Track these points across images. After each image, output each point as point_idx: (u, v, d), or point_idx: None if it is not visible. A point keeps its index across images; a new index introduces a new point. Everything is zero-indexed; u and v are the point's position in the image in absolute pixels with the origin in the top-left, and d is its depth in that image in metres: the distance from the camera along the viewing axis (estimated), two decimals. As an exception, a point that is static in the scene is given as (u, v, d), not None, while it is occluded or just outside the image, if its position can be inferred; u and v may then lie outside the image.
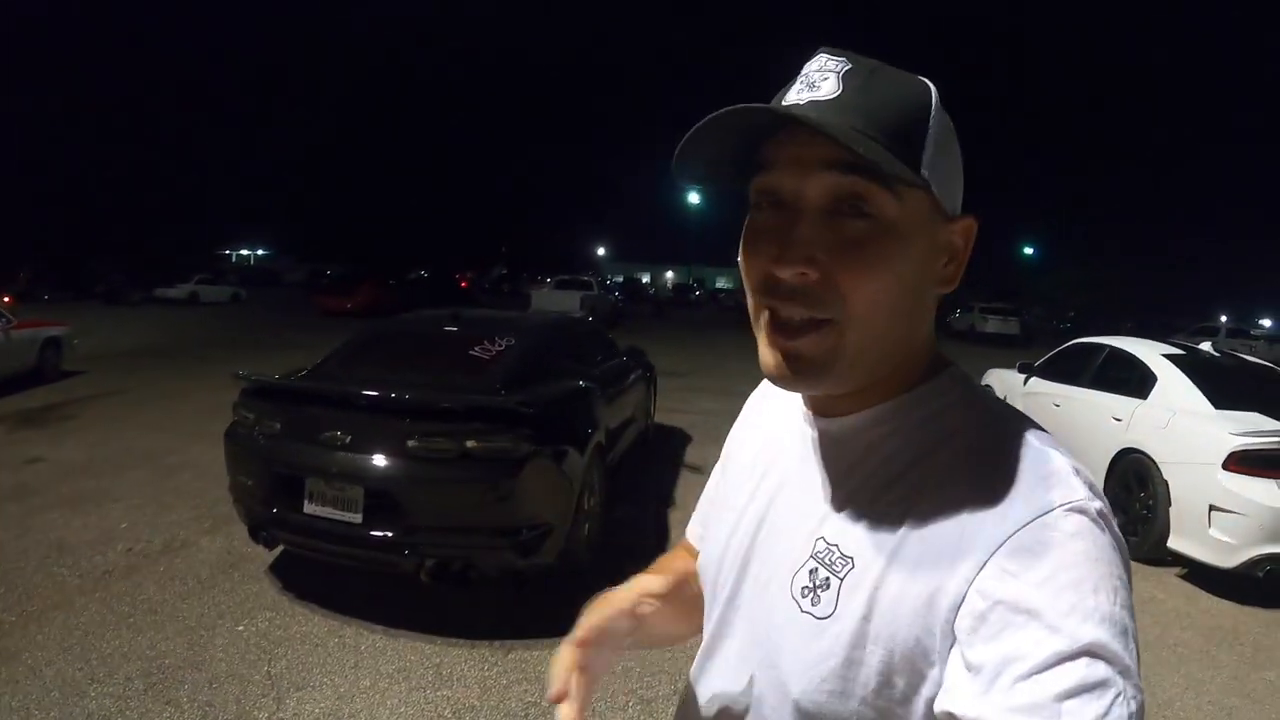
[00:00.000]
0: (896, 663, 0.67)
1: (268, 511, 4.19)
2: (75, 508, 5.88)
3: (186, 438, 8.16)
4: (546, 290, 31.25)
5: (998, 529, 0.64)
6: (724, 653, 0.87)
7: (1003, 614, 0.61)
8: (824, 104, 0.69)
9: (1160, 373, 6.34)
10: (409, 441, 3.98)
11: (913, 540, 0.69)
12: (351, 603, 4.42)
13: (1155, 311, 47.45)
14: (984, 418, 0.76)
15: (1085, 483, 0.67)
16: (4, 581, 4.56)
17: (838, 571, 0.72)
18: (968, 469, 0.70)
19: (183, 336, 18.88)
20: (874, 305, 0.70)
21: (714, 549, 0.93)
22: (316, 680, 3.73)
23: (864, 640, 0.69)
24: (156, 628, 4.12)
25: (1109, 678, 0.57)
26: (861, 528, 0.73)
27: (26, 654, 3.81)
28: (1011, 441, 0.71)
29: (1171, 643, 4.62)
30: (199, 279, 33.27)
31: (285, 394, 4.48)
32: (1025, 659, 0.58)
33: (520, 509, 4.08)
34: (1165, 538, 5.55)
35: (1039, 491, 0.66)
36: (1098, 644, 0.58)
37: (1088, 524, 0.64)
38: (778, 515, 0.84)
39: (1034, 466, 0.68)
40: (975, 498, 0.67)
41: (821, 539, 0.76)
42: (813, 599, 0.73)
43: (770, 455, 0.91)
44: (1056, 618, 0.59)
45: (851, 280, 0.69)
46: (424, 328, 5.62)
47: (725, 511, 0.94)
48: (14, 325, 10.71)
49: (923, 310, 0.78)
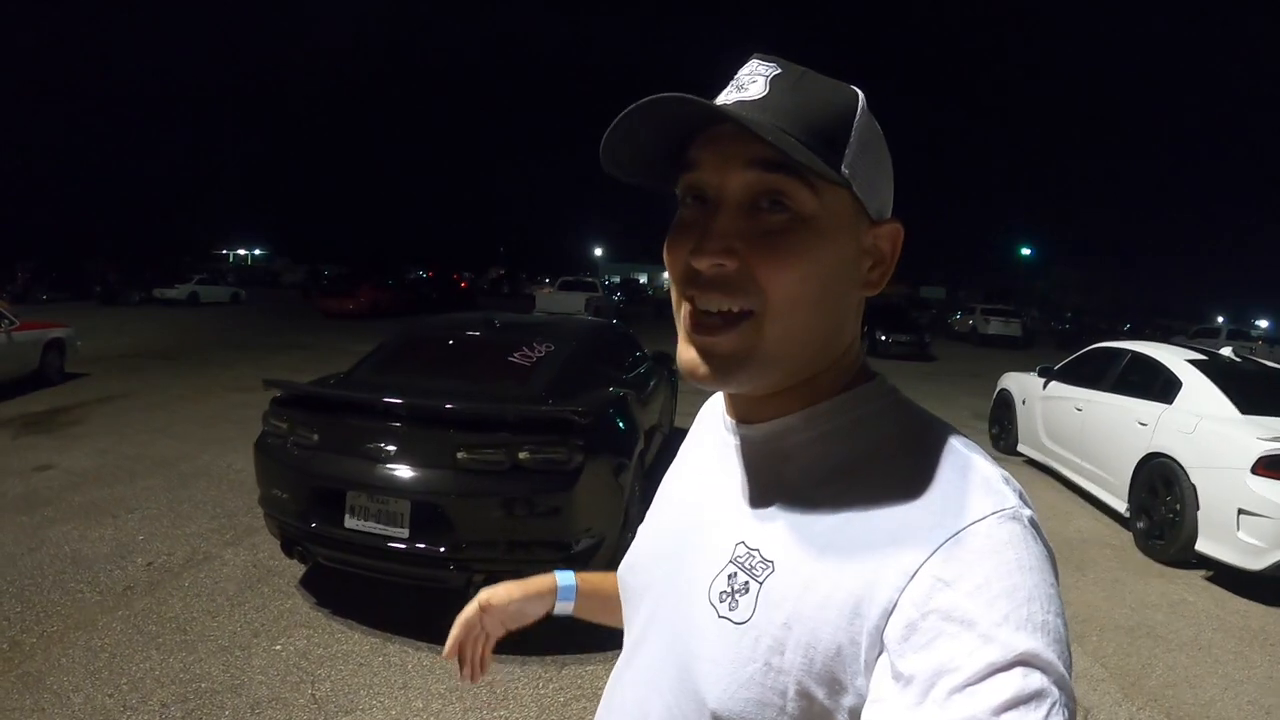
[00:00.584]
0: (817, 670, 0.65)
1: (305, 526, 3.99)
2: (89, 519, 5.65)
3: (198, 444, 7.96)
4: (551, 292, 31.13)
5: (930, 536, 0.63)
6: (642, 661, 0.85)
7: (935, 623, 0.59)
8: (750, 104, 0.71)
9: (1185, 378, 6.47)
10: (458, 453, 3.81)
11: (838, 546, 0.67)
12: (391, 618, 4.24)
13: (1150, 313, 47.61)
14: (912, 425, 0.75)
15: (1015, 491, 0.67)
16: (20, 599, 4.34)
17: (757, 576, 0.71)
18: (897, 476, 0.69)
19: (186, 338, 18.58)
20: (792, 297, 0.70)
21: (638, 555, 0.94)
22: (365, 703, 3.54)
23: (783, 647, 0.67)
24: (188, 648, 3.91)
25: (1044, 688, 0.55)
26: (784, 532, 0.72)
27: (51, 679, 3.60)
28: (941, 449, 0.70)
29: (1205, 644, 4.68)
30: (199, 279, 32.90)
31: (321, 403, 4.29)
32: (959, 670, 0.56)
33: (573, 521, 3.91)
34: (1193, 541, 5.65)
35: (971, 499, 0.65)
36: (1032, 653, 0.56)
37: (1020, 531, 0.63)
38: (700, 521, 0.83)
39: (965, 474, 0.67)
40: (905, 505, 0.66)
41: (742, 543, 0.75)
42: (730, 603, 0.72)
43: (695, 463, 0.92)
44: (990, 627, 0.57)
45: (769, 271, 0.69)
46: (458, 333, 5.40)
47: (653, 519, 0.96)
48: (17, 327, 10.47)
49: (845, 312, 0.77)
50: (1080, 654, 4.41)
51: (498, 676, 3.80)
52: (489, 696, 3.64)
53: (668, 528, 0.90)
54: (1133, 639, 4.68)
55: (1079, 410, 7.65)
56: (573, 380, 4.67)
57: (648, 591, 0.88)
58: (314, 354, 15.55)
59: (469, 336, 5.28)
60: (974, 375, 18.55)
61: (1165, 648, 4.58)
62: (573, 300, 27.22)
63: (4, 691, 3.49)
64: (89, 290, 30.78)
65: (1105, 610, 5.08)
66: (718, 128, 0.71)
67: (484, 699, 3.62)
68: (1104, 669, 4.29)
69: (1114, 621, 4.91)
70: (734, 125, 0.68)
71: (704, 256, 0.70)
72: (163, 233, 58.17)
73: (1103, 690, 4.07)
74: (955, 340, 32.74)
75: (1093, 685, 4.11)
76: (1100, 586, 5.49)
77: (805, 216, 0.70)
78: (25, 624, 4.08)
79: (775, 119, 0.69)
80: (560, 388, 4.48)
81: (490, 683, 3.74)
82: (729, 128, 0.70)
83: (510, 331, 5.22)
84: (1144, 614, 5.05)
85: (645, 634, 0.86)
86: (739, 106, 0.70)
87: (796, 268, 0.70)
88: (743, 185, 0.71)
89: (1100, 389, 7.48)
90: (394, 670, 3.81)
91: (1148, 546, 6.16)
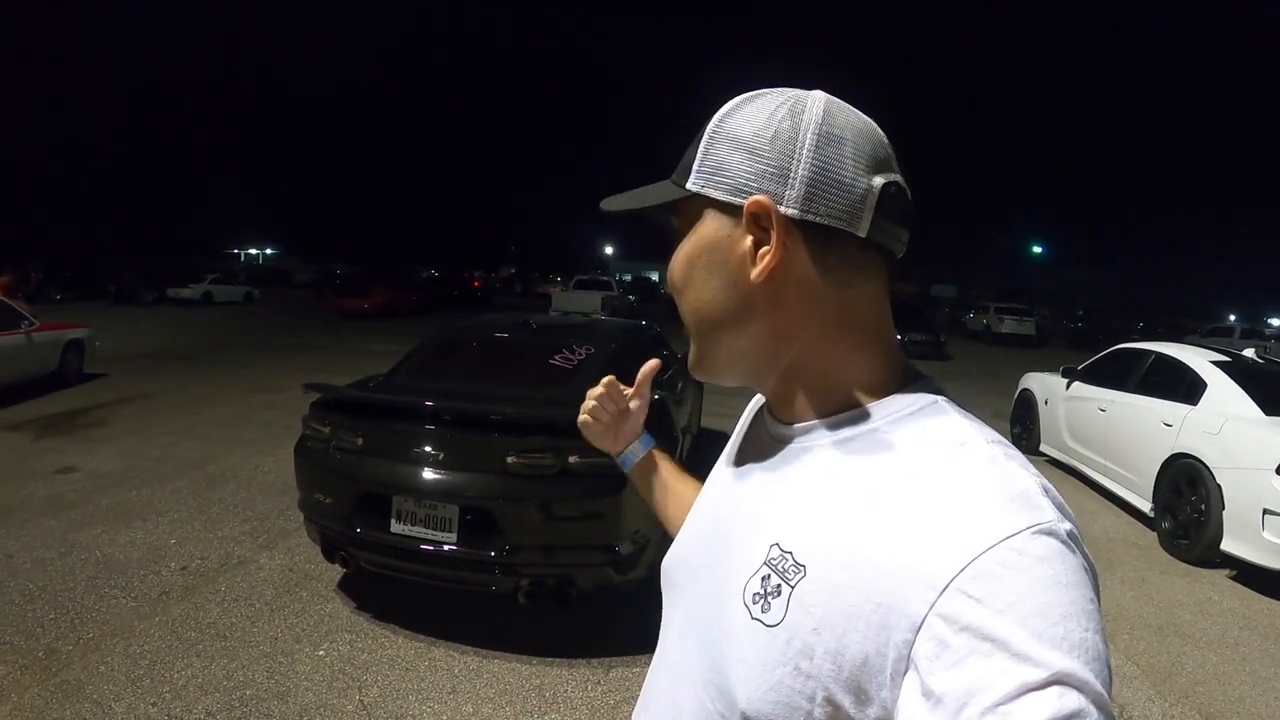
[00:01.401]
0: (844, 678, 0.64)
1: (349, 531, 3.92)
2: (118, 522, 5.60)
3: (224, 445, 7.91)
4: (567, 291, 31.04)
5: (962, 551, 0.60)
6: (675, 655, 0.86)
7: (966, 641, 0.57)
8: (681, 165, 0.82)
9: (1210, 379, 6.50)
10: (508, 458, 3.75)
11: (870, 555, 0.65)
12: (434, 622, 4.19)
13: (1161, 312, 47.35)
14: (954, 431, 0.72)
15: (1054, 503, 0.65)
16: (53, 605, 4.28)
17: (789, 579, 0.70)
18: (933, 484, 0.67)
19: (202, 338, 18.54)
20: (692, 311, 0.81)
21: (680, 549, 0.94)
22: (414, 708, 3.49)
23: (812, 652, 0.66)
24: (229, 654, 3.84)
25: (1082, 708, 0.53)
26: (817, 537, 0.71)
27: (91, 688, 3.53)
28: (977, 459, 0.68)
29: (1232, 641, 4.70)
30: (212, 278, 32.85)
31: (365, 407, 4.23)
32: (991, 689, 0.54)
33: (621, 524, 3.84)
34: (1218, 541, 5.68)
35: (1005, 513, 0.62)
36: (1067, 672, 0.54)
37: (1057, 547, 0.61)
38: (739, 516, 0.83)
39: (1000, 486, 0.65)
40: (938, 517, 0.64)
41: (776, 545, 0.73)
42: (763, 605, 0.71)
43: (739, 460, 0.91)
44: (1023, 645, 0.55)
45: (677, 297, 0.82)
46: (496, 336, 5.31)
47: (695, 515, 0.96)
48: (36, 328, 10.44)
49: (774, 305, 0.77)
50: (1112, 652, 4.34)
51: (546, 680, 3.74)
52: (538, 700, 3.58)
53: (710, 521, 0.90)
54: (1162, 637, 4.69)
55: (1103, 411, 7.69)
56: (616, 384, 4.56)
57: (690, 585, 0.87)
58: (332, 354, 15.54)
59: (507, 339, 5.21)
60: (991, 374, 18.48)
61: (1194, 646, 4.60)
62: (589, 299, 27.11)
63: (44, 701, 3.43)
64: (102, 290, 30.78)
65: (1134, 609, 5.08)
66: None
67: (534, 703, 3.56)
68: (1136, 666, 4.31)
69: (1143, 620, 4.91)
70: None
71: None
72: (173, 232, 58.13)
73: (1135, 687, 4.08)
74: (969, 339, 32.65)
75: (1126, 683, 4.12)
76: (1128, 586, 5.49)
77: (678, 237, 0.82)
78: (60, 630, 4.02)
79: (677, 173, 0.81)
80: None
81: (539, 686, 3.69)
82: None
83: (548, 334, 5.14)
84: (1172, 613, 5.06)
85: (682, 627, 0.86)
86: (633, 194, 0.87)
87: (687, 286, 0.81)
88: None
89: (1124, 390, 7.51)
90: (441, 674, 3.75)
91: (1173, 546, 6.18)
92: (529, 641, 4.03)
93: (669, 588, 0.93)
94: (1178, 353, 7.22)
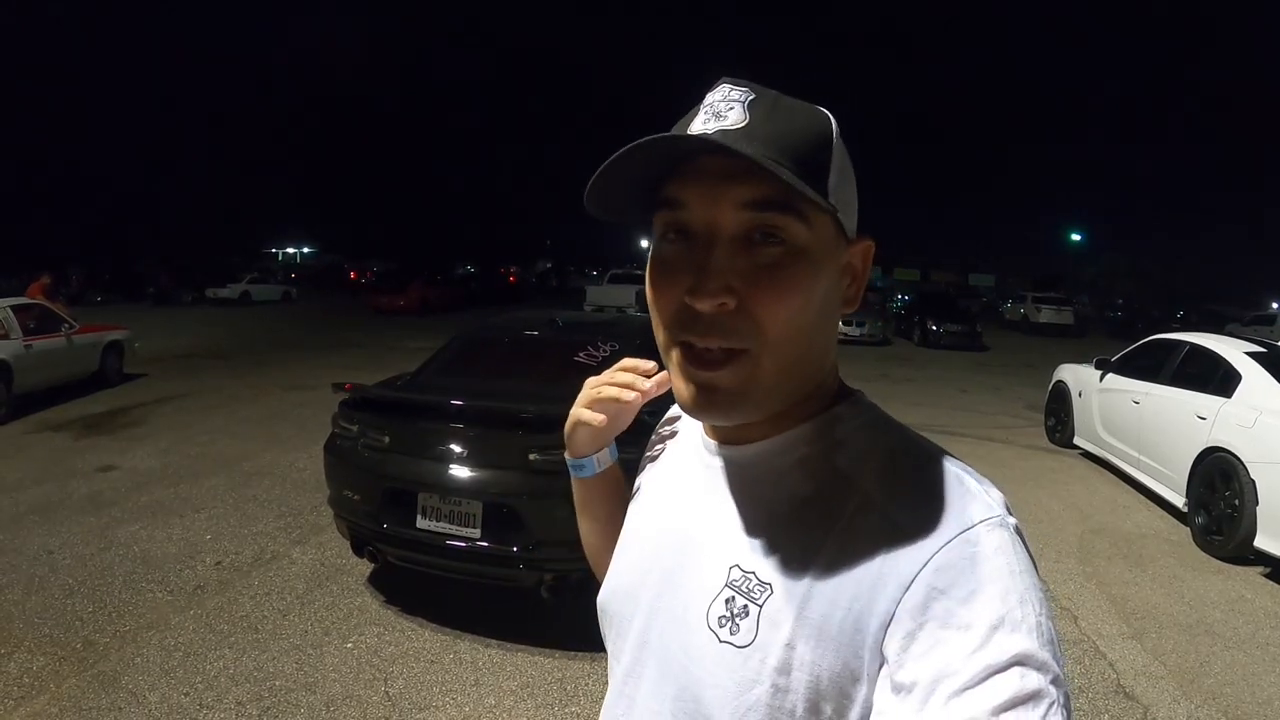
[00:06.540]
0: (824, 688, 0.65)
1: (376, 527, 4.00)
2: (156, 518, 5.73)
3: (259, 443, 8.04)
4: (601, 285, 31.08)
5: (922, 547, 0.64)
6: (638, 694, 0.82)
7: (932, 631, 0.60)
8: (733, 133, 0.68)
9: (1245, 371, 6.34)
10: (531, 455, 3.80)
11: (834, 563, 0.67)
12: (460, 616, 4.24)
13: (1202, 299, 46.33)
14: (896, 440, 0.75)
15: (1000, 500, 0.69)
16: (91, 599, 4.40)
17: (756, 599, 0.70)
18: (886, 490, 0.70)
19: (240, 337, 18.83)
20: (789, 331, 0.70)
21: (622, 581, 0.89)
22: (439, 700, 3.55)
23: (788, 666, 0.67)
24: (260, 646, 3.93)
25: (1042, 688, 0.57)
26: (778, 554, 0.72)
27: (126, 678, 3.64)
28: (926, 462, 0.72)
29: (1263, 641, 4.55)
30: (250, 278, 33.36)
31: (392, 405, 4.30)
32: (957, 674, 0.58)
33: (643, 520, 3.84)
34: (1252, 537, 5.51)
35: (959, 509, 0.66)
36: (1027, 654, 0.58)
37: (1008, 538, 0.65)
38: (687, 544, 0.81)
39: (951, 485, 0.68)
40: (896, 518, 0.67)
41: (736, 566, 0.74)
42: (731, 628, 0.71)
43: (676, 485, 0.88)
44: (985, 630, 0.59)
45: (767, 307, 0.68)
46: (522, 334, 5.36)
47: (633, 543, 0.91)
48: (77, 330, 10.68)
49: (830, 332, 0.77)
50: (1139, 651, 4.33)
51: (568, 673, 3.78)
52: (560, 693, 3.63)
53: (651, 552, 0.86)
54: (1190, 636, 4.56)
55: (1136, 403, 7.53)
56: (639, 380, 4.59)
57: (634, 619, 0.85)
58: (368, 353, 15.67)
59: (532, 337, 5.24)
60: (1028, 365, 18.21)
61: (1223, 645, 4.47)
62: (623, 293, 27.04)
63: (80, 691, 3.53)
64: (142, 292, 31.37)
65: (1163, 607, 4.96)
66: (701, 160, 0.70)
67: (555, 695, 3.61)
68: (1162, 666, 4.19)
69: (1172, 619, 4.79)
70: (722, 156, 0.67)
71: (705, 297, 0.68)
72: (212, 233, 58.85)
73: (1161, 688, 3.98)
74: (1007, 329, 32.11)
75: (1151, 683, 4.02)
76: (1159, 583, 5.35)
77: (799, 248, 0.70)
78: (98, 623, 4.13)
79: (764, 148, 0.67)
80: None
81: (561, 679, 3.73)
82: (714, 159, 0.69)
83: (573, 331, 5.16)
84: (1202, 611, 4.92)
85: (637, 662, 0.83)
86: (721, 135, 0.68)
87: (793, 303, 0.69)
88: (735, 217, 0.69)
89: (1158, 382, 7.36)
90: (465, 667, 3.81)
91: (1206, 542, 6.02)
92: (551, 636, 4.06)
93: (612, 623, 0.89)
94: (1211, 343, 7.08)
